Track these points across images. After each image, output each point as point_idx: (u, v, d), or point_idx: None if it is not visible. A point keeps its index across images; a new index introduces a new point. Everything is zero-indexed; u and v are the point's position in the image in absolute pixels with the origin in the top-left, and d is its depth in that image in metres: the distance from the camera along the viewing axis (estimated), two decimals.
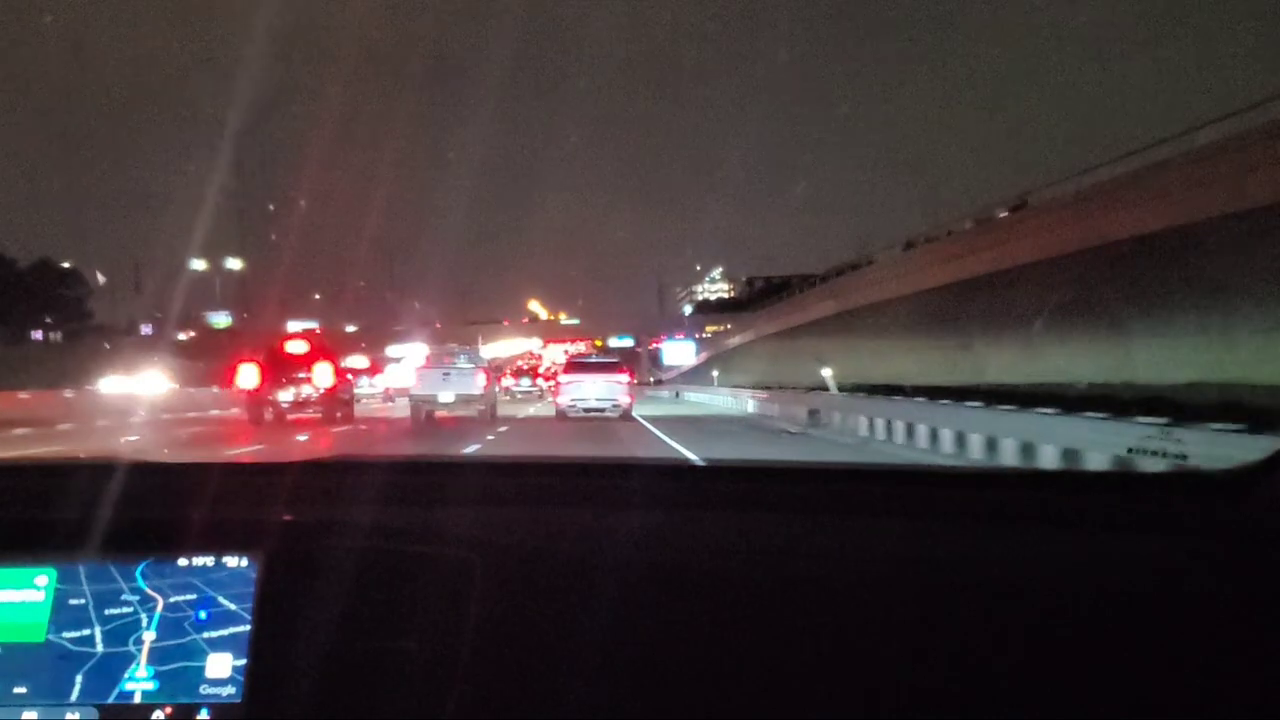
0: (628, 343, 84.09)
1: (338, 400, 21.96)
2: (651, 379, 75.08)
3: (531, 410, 29.56)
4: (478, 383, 21.76)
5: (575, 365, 24.21)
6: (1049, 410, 12.32)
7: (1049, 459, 10.96)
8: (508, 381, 52.00)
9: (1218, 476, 1.41)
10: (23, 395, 27.43)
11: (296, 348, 22.29)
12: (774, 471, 1.67)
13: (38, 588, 1.29)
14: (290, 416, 21.35)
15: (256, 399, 21.26)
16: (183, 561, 1.28)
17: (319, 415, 21.44)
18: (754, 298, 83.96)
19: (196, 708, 1.22)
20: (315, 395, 21.29)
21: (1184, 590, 1.19)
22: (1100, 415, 10.47)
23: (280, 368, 21.43)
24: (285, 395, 21.14)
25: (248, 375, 21.44)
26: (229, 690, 1.22)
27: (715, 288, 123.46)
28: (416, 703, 1.17)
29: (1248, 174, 16.37)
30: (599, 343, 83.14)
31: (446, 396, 21.59)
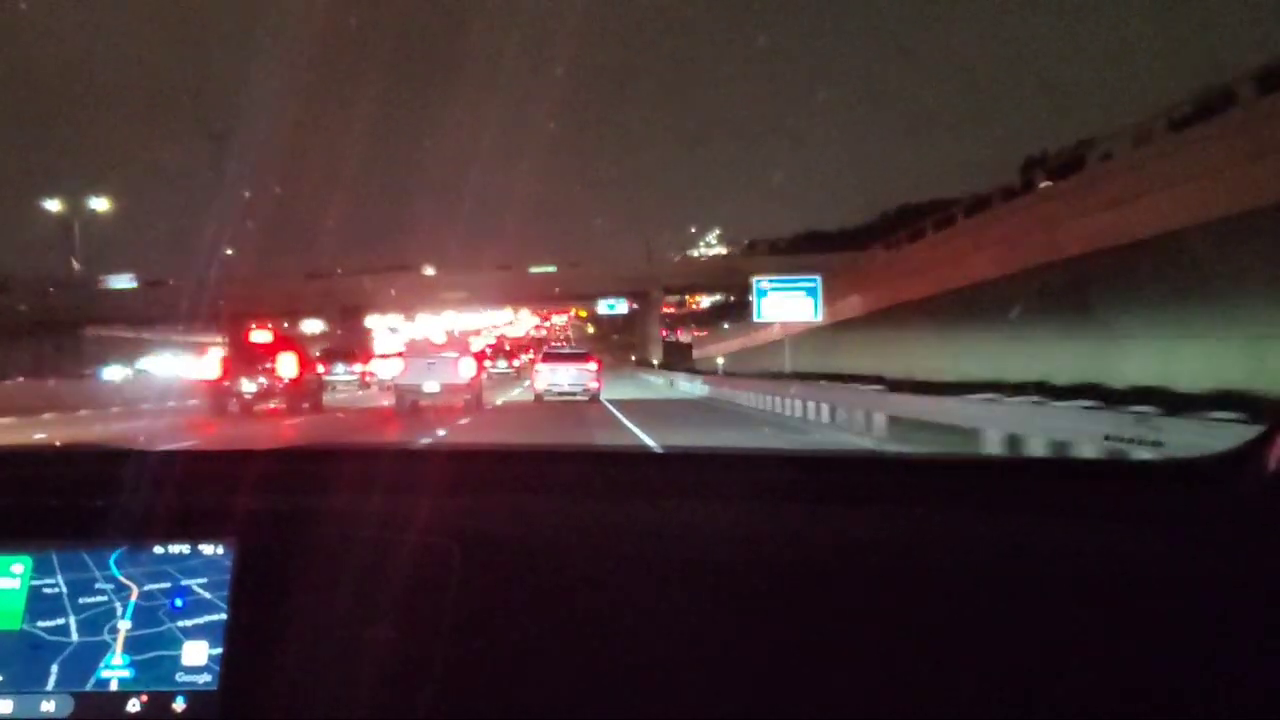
0: (621, 310, 69.23)
1: (303, 390, 22.01)
2: (720, 363, 45.56)
3: (507, 398, 29.16)
4: (463, 372, 21.73)
5: (550, 356, 28.08)
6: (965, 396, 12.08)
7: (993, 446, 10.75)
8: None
9: (1200, 463, 1.43)
10: None
11: (260, 337, 22.37)
12: (743, 459, 1.68)
13: (13, 575, 1.30)
14: (255, 408, 21.30)
15: (219, 390, 21.21)
16: (157, 549, 1.29)
17: (283, 406, 21.46)
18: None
19: (172, 695, 1.23)
20: (279, 386, 21.33)
21: (1168, 577, 1.21)
22: (1089, 404, 10.34)
23: (243, 358, 21.44)
24: (248, 386, 21.14)
25: (209, 366, 21.48)
26: (205, 678, 1.24)
27: (713, 251, 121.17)
28: (393, 691, 1.18)
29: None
30: (583, 313, 76.06)
31: (431, 386, 21.59)
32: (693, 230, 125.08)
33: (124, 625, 1.27)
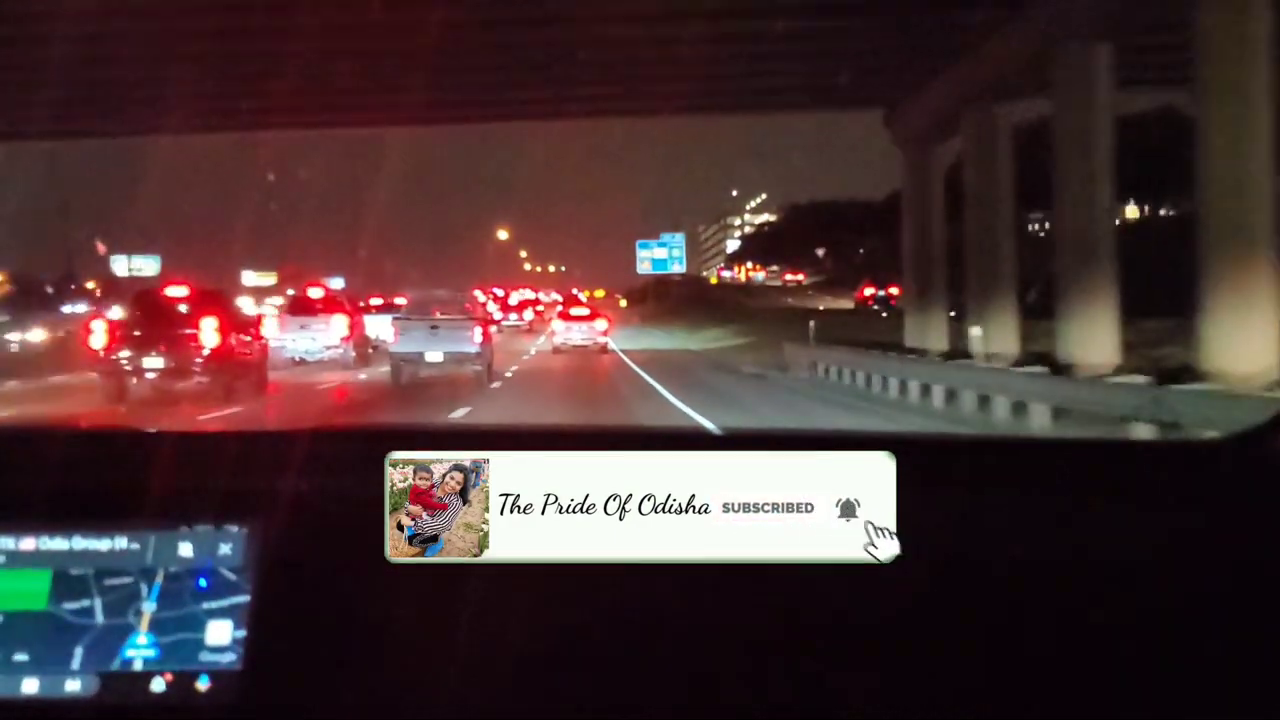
0: (677, 264, 52.66)
1: (234, 365, 16.09)
2: None
3: (521, 362, 26.92)
4: (473, 339, 18.96)
5: (565, 316, 33.39)
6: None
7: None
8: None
9: (1215, 441, 1.49)
10: None
11: (174, 294, 16.49)
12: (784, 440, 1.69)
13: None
14: (169, 390, 15.41)
15: (112, 367, 15.18)
16: (183, 530, 1.32)
17: (204, 387, 15.42)
18: (809, 230, 74.74)
19: (196, 674, 1.26)
20: (198, 361, 15.24)
21: (1183, 556, 1.23)
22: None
23: (147, 324, 15.54)
24: (152, 362, 15.13)
25: (96, 334, 15.34)
26: (229, 658, 1.27)
27: (760, 219, 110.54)
28: (414, 671, 1.22)
29: None
30: (599, 292, 72.90)
31: (434, 355, 18.57)
32: (734, 194, 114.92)
33: (149, 606, 1.29)
